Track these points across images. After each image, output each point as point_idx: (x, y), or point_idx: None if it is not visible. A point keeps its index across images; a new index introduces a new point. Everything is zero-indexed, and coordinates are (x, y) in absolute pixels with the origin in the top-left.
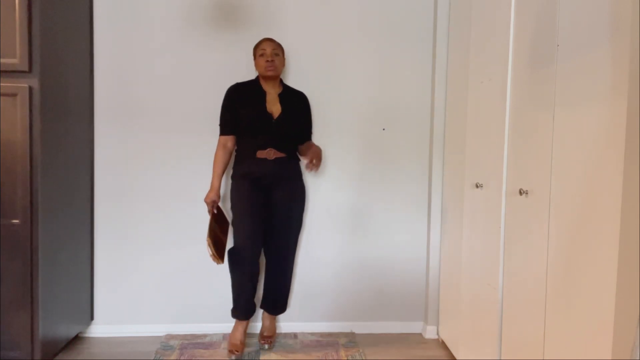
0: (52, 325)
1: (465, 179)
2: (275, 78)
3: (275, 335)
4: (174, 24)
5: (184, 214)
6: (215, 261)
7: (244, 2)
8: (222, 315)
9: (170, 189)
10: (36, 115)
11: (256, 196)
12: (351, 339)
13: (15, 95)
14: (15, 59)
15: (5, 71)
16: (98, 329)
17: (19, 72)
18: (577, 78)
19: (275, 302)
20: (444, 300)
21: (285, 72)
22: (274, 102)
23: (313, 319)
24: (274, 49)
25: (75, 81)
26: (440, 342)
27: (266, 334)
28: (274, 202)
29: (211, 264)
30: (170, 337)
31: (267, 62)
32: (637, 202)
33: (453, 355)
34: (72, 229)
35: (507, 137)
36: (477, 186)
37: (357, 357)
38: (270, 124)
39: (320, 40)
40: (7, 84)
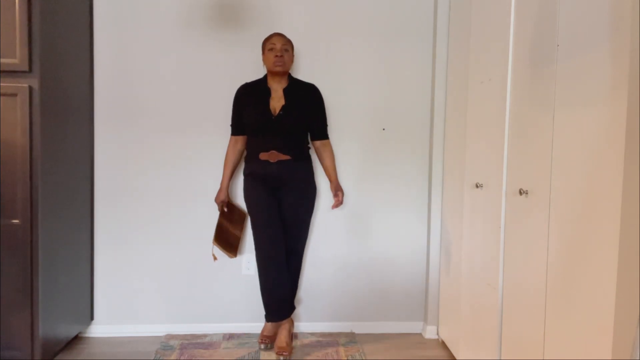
0: (52, 325)
1: (465, 179)
2: (283, 74)
3: (290, 346)
4: (174, 23)
5: (184, 213)
6: (229, 256)
7: (244, 2)
8: (222, 315)
9: (171, 189)
10: (36, 115)
11: (267, 196)
12: (351, 339)
13: (15, 95)
14: (15, 59)
15: (5, 71)
16: (98, 329)
17: (19, 72)
18: (577, 78)
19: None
20: (444, 300)
21: None
22: (278, 99)
23: (313, 319)
24: (284, 45)
25: (75, 81)
26: (440, 342)
27: (279, 344)
28: (281, 204)
29: (211, 264)
30: (170, 337)
31: (276, 57)
32: (637, 202)
33: (453, 355)
34: (72, 229)
35: (507, 137)
36: (477, 186)
37: (357, 357)
38: (271, 121)
39: (321, 40)
40: (7, 84)
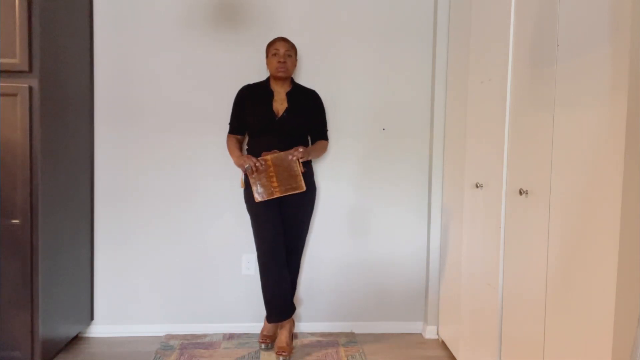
0: (52, 325)
1: (465, 179)
2: (286, 79)
3: (290, 346)
4: (175, 23)
5: (184, 213)
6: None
7: (244, 2)
8: (222, 315)
9: (171, 189)
10: (36, 115)
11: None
12: (351, 339)
13: (15, 95)
14: (15, 59)
15: (5, 71)
16: (98, 329)
17: (19, 72)
18: (577, 78)
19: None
20: (444, 300)
21: None
22: (281, 102)
23: (313, 319)
24: (287, 50)
25: (75, 81)
26: (440, 342)
27: (279, 344)
28: (282, 204)
29: (212, 264)
30: (170, 337)
31: (279, 62)
32: (637, 202)
33: (453, 355)
34: (72, 229)
35: (507, 137)
36: (477, 186)
37: (357, 357)
38: (274, 122)
39: (321, 40)
40: (7, 84)
